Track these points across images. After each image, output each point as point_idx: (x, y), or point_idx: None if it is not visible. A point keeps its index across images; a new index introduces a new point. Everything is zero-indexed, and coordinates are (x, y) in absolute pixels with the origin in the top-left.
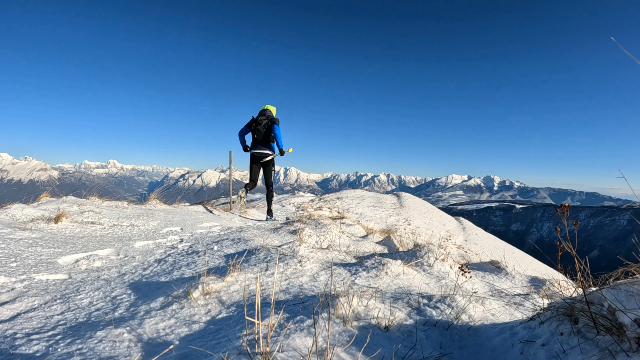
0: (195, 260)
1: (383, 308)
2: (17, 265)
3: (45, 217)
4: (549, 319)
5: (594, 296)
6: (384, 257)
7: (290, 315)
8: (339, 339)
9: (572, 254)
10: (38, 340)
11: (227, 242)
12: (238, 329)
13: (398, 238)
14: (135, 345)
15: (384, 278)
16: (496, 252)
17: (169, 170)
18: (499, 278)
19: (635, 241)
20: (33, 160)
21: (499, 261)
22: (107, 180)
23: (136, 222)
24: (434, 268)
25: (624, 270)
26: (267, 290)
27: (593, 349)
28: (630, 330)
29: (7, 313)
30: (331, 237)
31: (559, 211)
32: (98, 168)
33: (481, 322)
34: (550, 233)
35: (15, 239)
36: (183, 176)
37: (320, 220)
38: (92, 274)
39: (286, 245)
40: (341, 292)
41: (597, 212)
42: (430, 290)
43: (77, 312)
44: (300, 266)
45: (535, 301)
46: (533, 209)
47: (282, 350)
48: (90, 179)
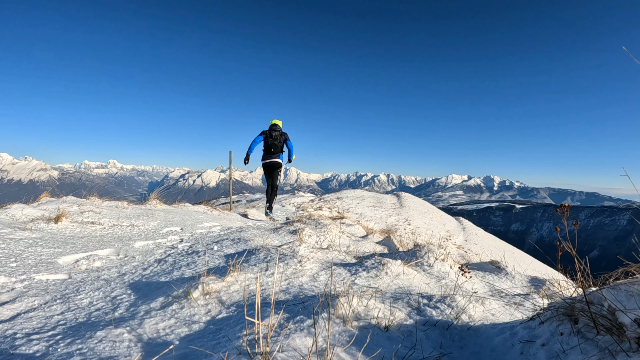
0: (195, 260)
1: (383, 308)
2: (17, 265)
3: (45, 217)
4: (549, 319)
5: (594, 296)
6: (384, 257)
7: (290, 315)
8: (339, 339)
9: (572, 254)
10: (38, 340)
11: (227, 242)
12: (238, 329)
13: (398, 238)
14: (135, 345)
15: (384, 278)
16: (496, 252)
17: (169, 170)
18: (499, 278)
19: (635, 241)
20: (33, 160)
21: (499, 261)
22: (107, 180)
23: (136, 222)
24: (434, 268)
25: (624, 270)
26: (267, 290)
27: (593, 349)
28: (630, 330)
29: (7, 313)
30: (331, 237)
31: (559, 211)
32: (98, 168)
33: (481, 322)
34: (550, 233)
35: (15, 239)
36: (183, 176)
37: (320, 220)
38: (92, 274)
39: (286, 245)
40: (341, 292)
41: (597, 212)
42: (430, 290)
43: (77, 312)
44: (300, 266)
45: (535, 301)
46: (533, 209)
47: (282, 350)
48: (90, 179)
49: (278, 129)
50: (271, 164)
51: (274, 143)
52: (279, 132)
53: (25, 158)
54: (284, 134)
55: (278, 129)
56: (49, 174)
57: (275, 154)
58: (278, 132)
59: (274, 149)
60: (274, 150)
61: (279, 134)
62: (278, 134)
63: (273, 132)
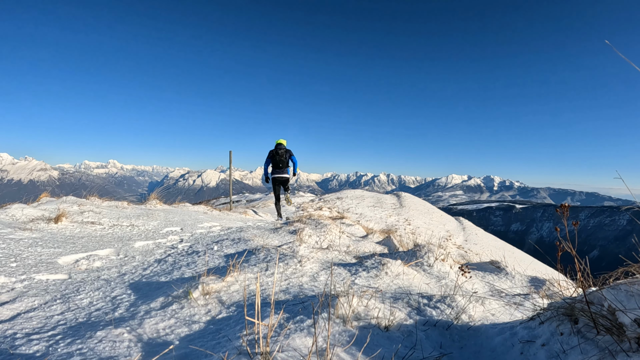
0: (195, 260)
1: (383, 308)
2: (17, 265)
3: (45, 217)
4: (549, 319)
5: (594, 296)
6: (384, 257)
7: (290, 315)
8: (339, 339)
9: (572, 254)
10: (38, 340)
11: (227, 242)
12: (238, 329)
13: (398, 238)
14: (135, 345)
15: (384, 278)
16: (496, 252)
17: (169, 170)
18: (499, 278)
19: (635, 241)
20: (33, 160)
21: (499, 261)
22: (107, 180)
23: (136, 222)
24: (434, 268)
25: (624, 270)
26: (267, 290)
27: (593, 349)
28: (630, 330)
29: (7, 313)
30: (331, 237)
31: (559, 211)
32: (98, 168)
33: (481, 322)
34: (550, 233)
35: (15, 239)
36: (183, 176)
37: (320, 220)
38: (92, 274)
39: (286, 245)
40: (341, 292)
41: (597, 212)
42: (430, 290)
43: (77, 312)
44: (300, 266)
45: (535, 301)
46: (533, 209)
47: (282, 350)
48: (90, 179)
49: (283, 148)
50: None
51: (281, 159)
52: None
53: (25, 158)
54: (288, 150)
55: (283, 148)
56: (49, 174)
57: (282, 169)
58: (283, 149)
59: (282, 164)
60: (281, 166)
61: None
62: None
63: (279, 150)
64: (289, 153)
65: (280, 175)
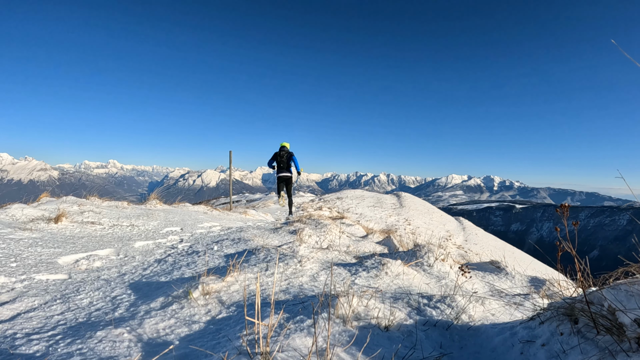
0: (195, 260)
1: (383, 308)
2: (17, 265)
3: (45, 217)
4: (549, 319)
5: (594, 296)
6: (384, 257)
7: (290, 315)
8: (339, 339)
9: (572, 254)
10: (38, 340)
11: (227, 242)
12: (238, 329)
13: (398, 238)
14: (135, 345)
15: (384, 278)
16: (496, 252)
17: (169, 170)
18: (499, 278)
19: (635, 241)
20: (33, 160)
21: (499, 261)
22: (107, 180)
23: (136, 222)
24: (434, 268)
25: (624, 270)
26: (267, 290)
27: (593, 349)
28: (630, 330)
29: (7, 313)
30: (331, 237)
31: (559, 211)
32: (98, 168)
33: (481, 322)
34: (550, 233)
35: (15, 239)
36: (183, 176)
37: (320, 220)
38: (92, 274)
39: (286, 245)
40: (341, 292)
41: (597, 212)
42: (430, 290)
43: (77, 312)
44: (300, 266)
45: (535, 301)
46: (533, 209)
47: (282, 350)
48: (90, 179)
49: (285, 150)
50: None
51: (282, 161)
52: (286, 152)
53: (25, 158)
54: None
55: (285, 150)
56: (49, 174)
57: (284, 169)
58: (285, 152)
59: (283, 165)
60: (283, 166)
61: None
62: (285, 153)
63: (282, 152)
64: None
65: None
